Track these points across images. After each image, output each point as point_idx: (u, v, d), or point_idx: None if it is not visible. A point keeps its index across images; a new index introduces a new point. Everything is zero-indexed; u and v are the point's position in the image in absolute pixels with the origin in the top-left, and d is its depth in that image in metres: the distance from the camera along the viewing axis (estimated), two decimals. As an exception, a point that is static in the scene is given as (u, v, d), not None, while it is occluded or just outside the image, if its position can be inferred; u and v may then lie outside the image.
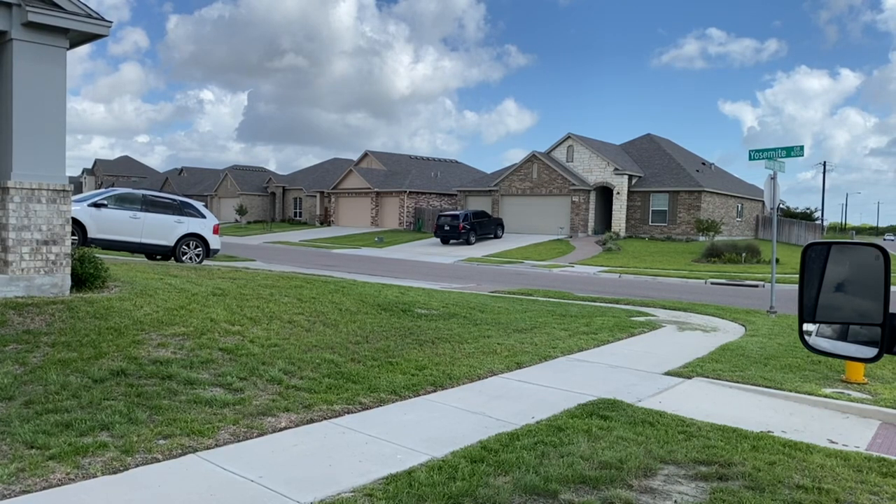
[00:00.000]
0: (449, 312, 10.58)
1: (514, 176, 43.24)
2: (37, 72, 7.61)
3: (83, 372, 5.68)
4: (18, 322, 6.66)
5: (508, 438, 4.95)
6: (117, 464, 4.15)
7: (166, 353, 6.44)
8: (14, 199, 7.46)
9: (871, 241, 1.92)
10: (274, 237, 45.04)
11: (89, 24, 7.84)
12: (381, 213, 51.28)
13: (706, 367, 7.78)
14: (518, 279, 21.49)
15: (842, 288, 1.80)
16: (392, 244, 38.65)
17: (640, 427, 5.35)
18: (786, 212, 57.44)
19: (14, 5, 7.34)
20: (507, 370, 7.40)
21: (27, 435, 4.40)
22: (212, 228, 15.80)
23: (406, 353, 7.60)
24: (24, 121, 7.51)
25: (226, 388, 5.76)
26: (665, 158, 42.43)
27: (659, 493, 4.06)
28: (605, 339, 9.51)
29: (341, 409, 5.58)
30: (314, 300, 9.76)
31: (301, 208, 61.45)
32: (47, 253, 7.70)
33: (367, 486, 4.01)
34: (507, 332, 9.46)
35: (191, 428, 4.78)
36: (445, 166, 57.00)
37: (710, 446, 4.90)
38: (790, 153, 13.66)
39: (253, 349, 6.94)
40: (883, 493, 4.17)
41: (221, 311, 8.13)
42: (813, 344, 1.87)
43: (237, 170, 69.74)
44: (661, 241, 37.85)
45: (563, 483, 4.09)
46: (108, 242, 13.71)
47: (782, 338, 9.82)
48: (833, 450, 5.04)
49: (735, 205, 43.17)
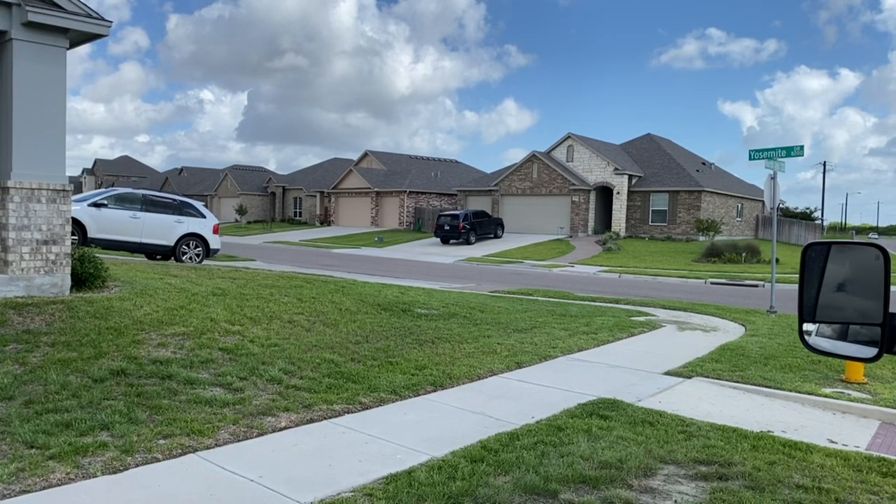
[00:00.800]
0: (449, 312, 10.58)
1: (514, 176, 43.24)
2: (37, 72, 7.61)
3: (83, 372, 5.68)
4: (18, 322, 6.66)
5: (508, 438, 4.95)
6: (117, 463, 4.14)
7: (166, 352, 6.44)
8: (14, 199, 7.46)
9: (870, 240, 1.92)
10: (274, 237, 45.04)
11: (89, 24, 7.84)
12: (381, 213, 51.29)
13: (706, 367, 7.78)
14: (518, 279, 21.49)
15: (842, 288, 1.80)
16: (392, 244, 38.65)
17: (640, 427, 5.35)
18: (786, 211, 57.45)
19: (14, 5, 7.34)
20: (507, 370, 7.40)
21: (27, 435, 4.40)
22: (212, 228, 15.80)
23: (406, 353, 7.60)
24: (24, 120, 7.51)
25: (226, 388, 5.76)
26: (665, 158, 42.44)
27: (659, 492, 4.06)
28: (605, 338, 9.51)
29: (341, 408, 5.58)
30: (314, 300, 9.76)
31: (301, 208, 61.45)
32: (47, 253, 7.70)
33: (367, 485, 4.01)
34: (507, 332, 9.46)
35: (191, 428, 4.78)
36: (445, 166, 57.00)
37: (709, 446, 4.90)
38: (790, 153, 13.65)
39: (253, 349, 6.94)
40: (883, 493, 4.17)
41: (221, 311, 8.13)
42: (813, 344, 1.87)
43: (237, 170, 69.74)
44: (661, 240, 37.85)
45: (563, 483, 4.09)
46: (108, 242, 13.71)
47: (782, 338, 9.82)
48: (833, 449, 5.04)
49: (735, 205, 43.18)
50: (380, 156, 56.77)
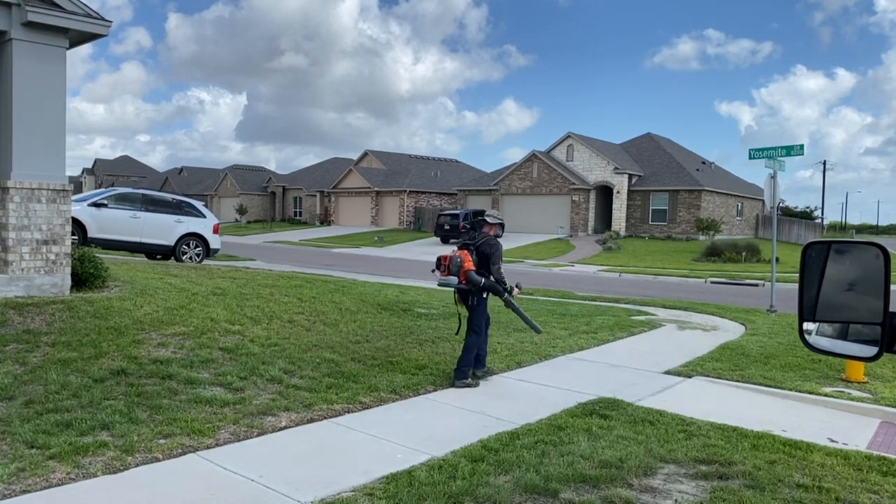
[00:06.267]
0: (449, 312, 10.57)
1: (514, 175, 43.24)
2: (37, 71, 7.60)
3: (83, 371, 5.68)
4: (19, 322, 6.66)
5: (508, 437, 4.95)
6: (118, 463, 4.15)
7: (166, 352, 6.44)
8: (14, 199, 7.46)
9: (871, 239, 1.92)
10: (274, 237, 45.03)
11: (89, 24, 7.83)
12: (381, 213, 51.29)
13: (706, 366, 7.78)
14: (518, 278, 21.45)
15: (842, 287, 1.80)
16: (392, 243, 38.65)
17: (641, 426, 5.35)
18: (786, 211, 57.41)
19: (14, 5, 7.34)
20: (507, 369, 7.40)
21: (27, 434, 4.40)
22: (212, 228, 15.79)
23: (406, 353, 7.60)
24: (24, 120, 7.51)
25: (226, 388, 5.76)
26: (665, 157, 42.43)
27: (659, 492, 4.06)
28: (605, 338, 9.51)
29: (342, 408, 5.58)
30: (314, 299, 9.76)
31: (301, 208, 61.45)
32: (47, 252, 7.70)
33: (368, 485, 4.01)
34: (507, 331, 9.46)
35: (191, 427, 4.78)
36: (445, 165, 57.00)
37: (710, 445, 4.90)
38: (790, 152, 13.65)
39: (253, 348, 6.94)
40: (883, 492, 4.17)
41: (221, 311, 8.13)
42: (813, 343, 1.87)
43: (237, 169, 69.74)
44: (661, 240, 37.84)
45: (564, 482, 4.09)
46: (108, 242, 13.70)
47: (782, 337, 9.82)
48: (833, 448, 5.04)
49: (735, 204, 43.17)
50: (380, 155, 56.77)
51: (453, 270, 6.59)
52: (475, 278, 6.60)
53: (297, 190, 61.99)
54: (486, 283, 6.67)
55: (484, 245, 6.78)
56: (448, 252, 6.81)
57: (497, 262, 6.79)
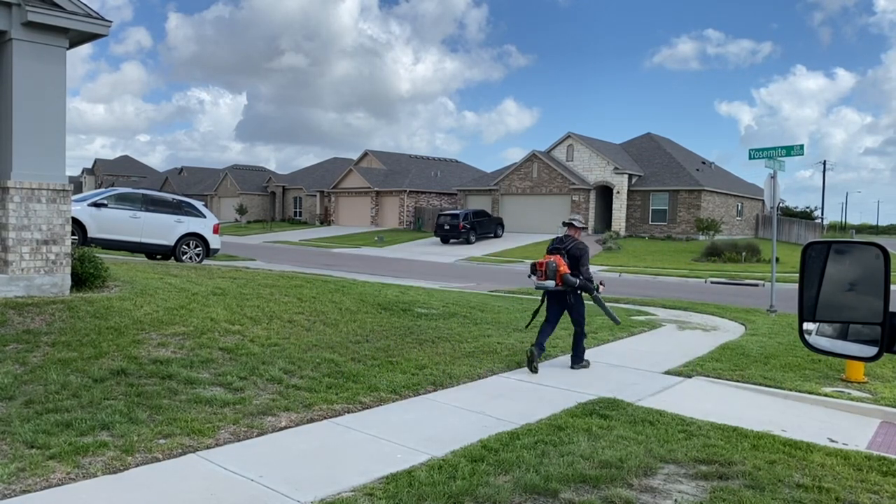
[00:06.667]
0: (449, 312, 10.58)
1: (514, 175, 43.24)
2: (37, 71, 7.60)
3: (83, 371, 5.68)
4: (18, 322, 6.66)
5: (508, 437, 4.95)
6: (118, 463, 4.15)
7: (166, 352, 6.44)
8: (14, 199, 7.46)
9: (871, 239, 1.92)
10: (274, 237, 45.04)
11: (89, 24, 7.83)
12: (381, 213, 51.29)
13: (706, 366, 7.78)
14: (518, 278, 21.47)
15: (842, 287, 1.80)
16: (392, 243, 38.65)
17: (641, 426, 5.35)
18: (786, 211, 57.41)
19: (14, 5, 7.34)
20: (507, 369, 7.40)
21: (27, 434, 4.40)
22: (212, 228, 15.79)
23: (406, 353, 7.60)
24: (24, 120, 7.51)
25: (226, 388, 5.76)
26: (665, 157, 42.43)
27: (659, 491, 4.06)
28: (605, 337, 9.52)
29: (341, 408, 5.58)
30: (314, 299, 9.76)
31: (301, 208, 61.45)
32: (47, 252, 7.70)
33: (368, 485, 4.01)
34: (508, 332, 9.47)
35: (191, 427, 4.78)
36: (445, 166, 56.99)
37: (710, 445, 4.90)
38: (790, 152, 13.65)
39: (253, 348, 6.94)
40: (883, 492, 4.17)
41: (221, 311, 8.13)
42: (813, 343, 1.87)
43: (237, 169, 69.73)
44: (661, 240, 37.85)
45: (564, 482, 4.09)
46: (108, 242, 13.70)
47: (782, 337, 9.82)
48: (833, 448, 5.04)
49: (735, 204, 43.17)
50: (380, 155, 56.76)
51: (550, 275, 7.25)
52: (571, 280, 7.28)
53: (297, 190, 62.00)
54: (580, 283, 7.35)
55: (574, 249, 7.48)
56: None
57: (586, 264, 7.51)
